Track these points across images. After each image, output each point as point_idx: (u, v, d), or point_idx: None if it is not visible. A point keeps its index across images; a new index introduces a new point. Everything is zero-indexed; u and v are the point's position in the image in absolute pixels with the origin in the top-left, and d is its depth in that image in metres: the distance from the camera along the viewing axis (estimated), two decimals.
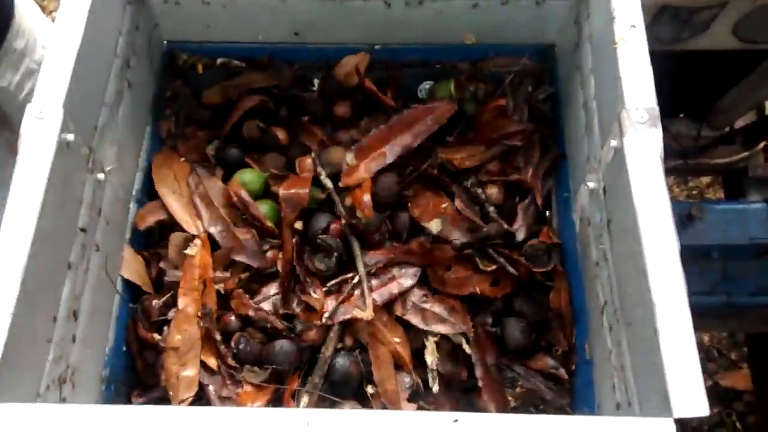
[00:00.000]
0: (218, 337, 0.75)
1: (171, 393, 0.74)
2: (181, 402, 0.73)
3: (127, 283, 0.79)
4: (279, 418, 0.50)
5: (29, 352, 0.59)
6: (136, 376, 0.79)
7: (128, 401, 0.76)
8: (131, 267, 0.79)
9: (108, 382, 0.74)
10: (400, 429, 0.49)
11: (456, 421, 0.49)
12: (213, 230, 0.80)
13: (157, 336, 0.76)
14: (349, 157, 0.82)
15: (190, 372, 0.74)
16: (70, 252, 0.66)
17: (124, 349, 0.78)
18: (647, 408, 0.56)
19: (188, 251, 0.78)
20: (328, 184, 0.81)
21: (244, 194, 0.80)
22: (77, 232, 0.67)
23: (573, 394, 0.76)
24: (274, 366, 0.74)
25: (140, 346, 0.78)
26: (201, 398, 0.74)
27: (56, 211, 0.61)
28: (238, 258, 0.78)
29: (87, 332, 0.69)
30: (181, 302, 0.76)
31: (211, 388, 0.74)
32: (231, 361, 0.74)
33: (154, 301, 0.78)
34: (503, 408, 0.74)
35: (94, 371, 0.72)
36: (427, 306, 0.77)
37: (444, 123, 0.83)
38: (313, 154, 0.83)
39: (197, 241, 0.79)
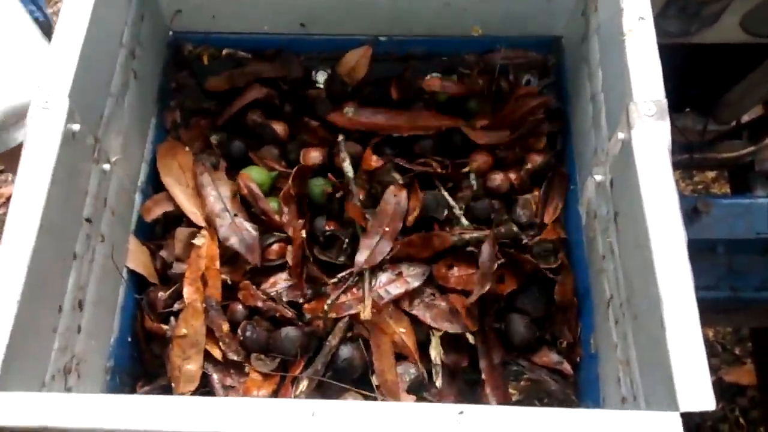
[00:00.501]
0: (225, 328, 0.75)
1: (173, 385, 0.74)
2: (182, 395, 0.73)
3: (132, 274, 0.79)
4: (284, 408, 0.50)
5: (34, 342, 0.59)
6: (141, 367, 0.79)
7: (133, 392, 0.76)
8: (137, 258, 0.79)
9: (113, 373, 0.74)
10: (405, 420, 0.49)
11: (461, 413, 0.49)
12: (218, 222, 0.79)
13: (165, 326, 0.76)
14: (349, 110, 0.84)
15: (193, 366, 0.74)
16: (75, 242, 0.66)
17: (129, 340, 0.78)
18: (653, 402, 0.55)
19: (195, 241, 0.78)
20: (350, 172, 0.82)
21: (254, 187, 0.80)
22: (83, 223, 0.67)
23: (578, 388, 0.76)
24: (281, 354, 0.74)
25: (147, 337, 0.78)
26: (206, 386, 0.75)
27: (62, 202, 0.61)
28: (239, 251, 0.78)
29: (92, 322, 0.69)
30: (187, 293, 0.76)
31: (215, 377, 0.74)
32: (232, 355, 0.74)
33: (160, 293, 0.78)
34: (505, 403, 0.74)
35: (99, 362, 0.72)
36: (435, 303, 0.77)
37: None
38: (340, 139, 0.84)
39: (204, 232, 0.79)
